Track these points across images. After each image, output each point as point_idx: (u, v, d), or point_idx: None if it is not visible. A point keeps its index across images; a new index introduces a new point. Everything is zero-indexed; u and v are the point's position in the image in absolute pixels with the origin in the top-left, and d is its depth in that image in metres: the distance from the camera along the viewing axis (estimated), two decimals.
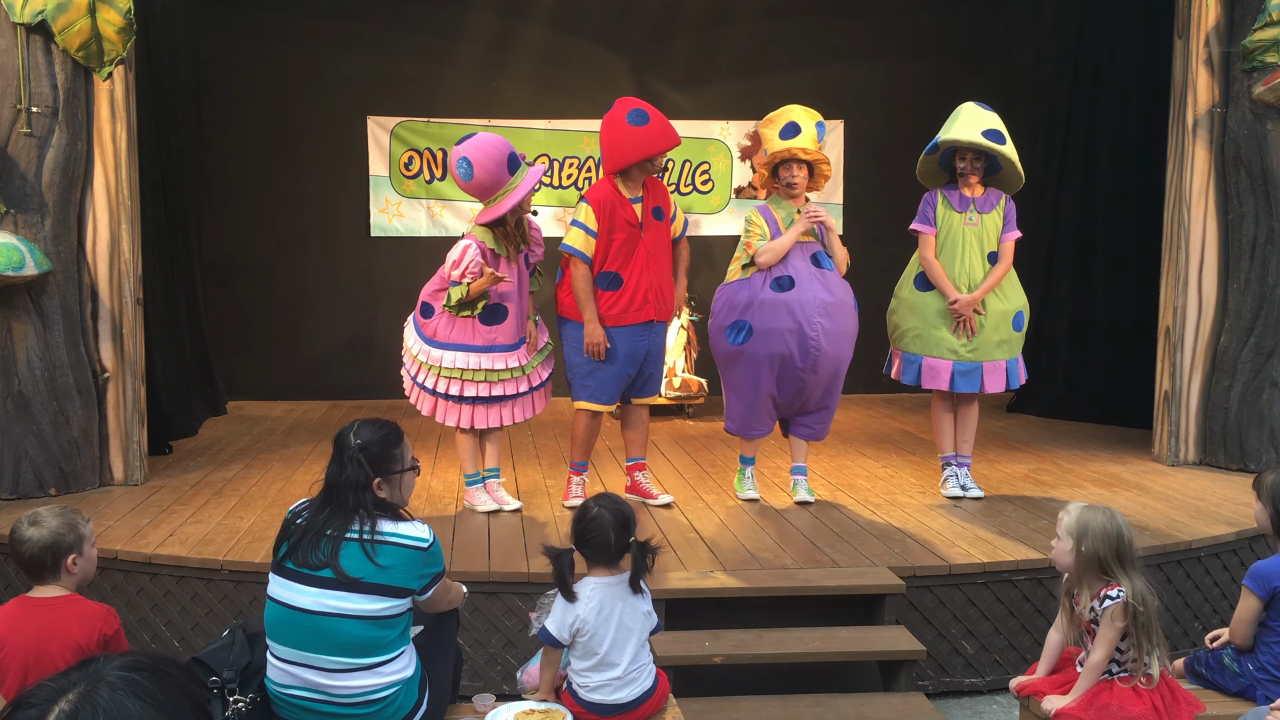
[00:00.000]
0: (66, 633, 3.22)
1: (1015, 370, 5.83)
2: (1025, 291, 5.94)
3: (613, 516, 3.41)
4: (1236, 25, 6.38)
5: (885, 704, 4.27)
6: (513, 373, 5.43)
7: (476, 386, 5.38)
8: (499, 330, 5.39)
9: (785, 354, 5.46)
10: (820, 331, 5.44)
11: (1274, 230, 6.37)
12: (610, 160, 5.47)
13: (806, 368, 5.49)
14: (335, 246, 8.99)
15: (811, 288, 5.47)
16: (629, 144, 5.39)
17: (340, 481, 3.24)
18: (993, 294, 5.71)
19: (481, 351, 5.37)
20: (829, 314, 5.47)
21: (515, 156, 5.28)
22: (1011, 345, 5.80)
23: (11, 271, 5.49)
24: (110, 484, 6.06)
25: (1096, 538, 3.45)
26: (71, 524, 3.35)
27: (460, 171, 5.25)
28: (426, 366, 5.43)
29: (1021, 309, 5.81)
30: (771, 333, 5.45)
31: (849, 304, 5.60)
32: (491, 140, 5.27)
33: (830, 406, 5.75)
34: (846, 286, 5.63)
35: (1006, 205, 5.78)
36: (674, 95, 9.14)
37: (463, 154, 5.22)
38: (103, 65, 5.82)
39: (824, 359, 5.49)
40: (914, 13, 9.19)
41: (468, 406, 5.43)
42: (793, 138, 5.52)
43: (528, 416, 5.57)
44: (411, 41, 8.89)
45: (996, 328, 5.72)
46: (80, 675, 1.26)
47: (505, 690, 4.41)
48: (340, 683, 3.19)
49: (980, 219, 5.73)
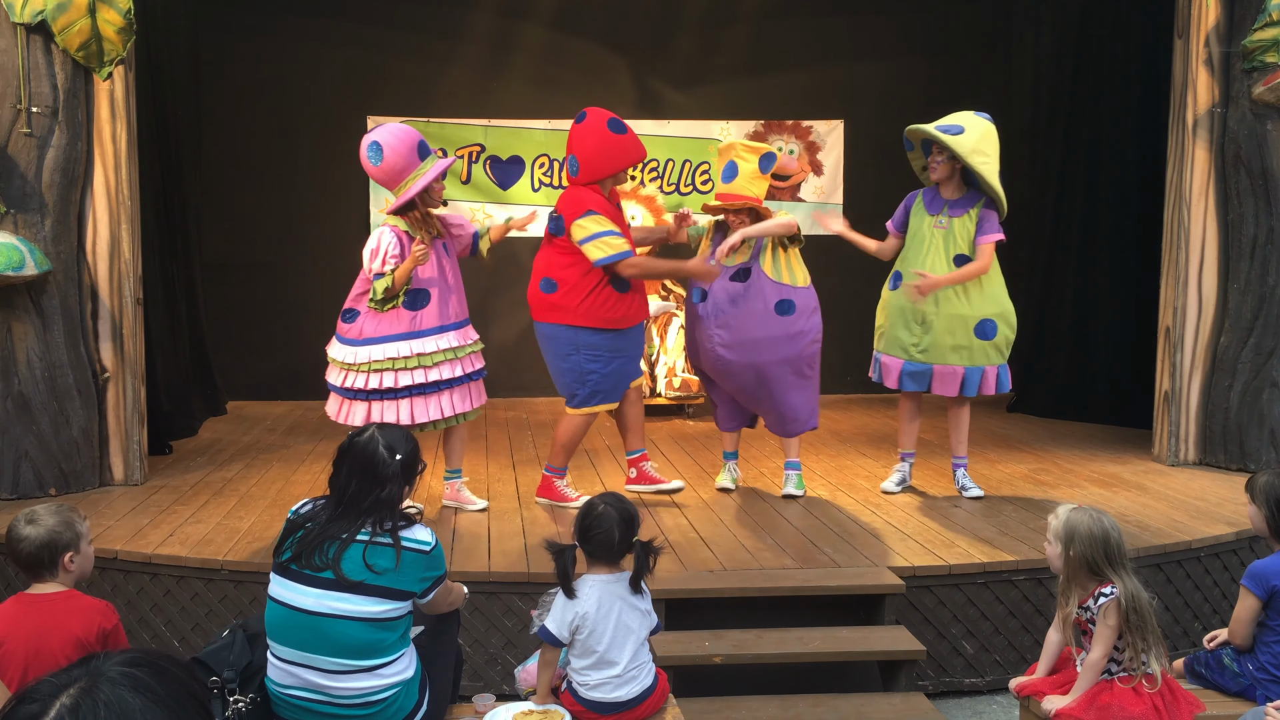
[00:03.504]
0: (66, 628, 3.23)
1: (978, 379, 5.72)
2: (1025, 291, 5.93)
3: (618, 515, 3.42)
4: (1236, 25, 6.38)
5: (885, 704, 4.27)
6: (445, 355, 5.29)
7: (411, 374, 5.22)
8: (423, 314, 5.28)
9: (704, 361, 5.78)
10: (717, 342, 5.63)
11: (1274, 230, 6.38)
12: (592, 170, 5.42)
13: (720, 375, 5.76)
14: (335, 246, 8.96)
15: (716, 299, 5.65)
16: (616, 152, 5.42)
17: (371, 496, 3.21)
18: (953, 297, 5.66)
19: (410, 338, 5.24)
20: (727, 325, 5.61)
21: (425, 145, 5.30)
22: (972, 352, 5.70)
23: (11, 271, 5.49)
24: (110, 484, 6.06)
25: (1084, 540, 3.46)
26: (68, 522, 3.36)
27: (370, 156, 5.22)
28: (354, 368, 5.27)
29: (992, 317, 5.68)
30: (692, 340, 5.83)
31: (761, 311, 5.59)
32: (401, 127, 5.32)
33: (779, 409, 5.78)
34: (768, 292, 5.61)
35: (982, 209, 5.71)
36: (674, 95, 9.15)
37: (373, 139, 5.23)
38: (103, 65, 5.82)
39: (734, 366, 5.66)
40: (914, 13, 9.19)
41: (405, 400, 5.25)
42: (729, 181, 5.71)
43: (468, 409, 5.41)
44: (411, 41, 8.89)
45: (952, 331, 5.66)
46: (81, 671, 1.26)
47: (505, 690, 4.40)
48: (341, 684, 3.19)
49: (950, 222, 5.73)
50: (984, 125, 5.67)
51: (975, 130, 5.63)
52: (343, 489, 3.25)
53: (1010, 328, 5.79)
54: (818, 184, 9.39)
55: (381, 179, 5.31)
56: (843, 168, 9.25)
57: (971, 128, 5.64)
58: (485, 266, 6.00)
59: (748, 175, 5.66)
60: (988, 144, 5.64)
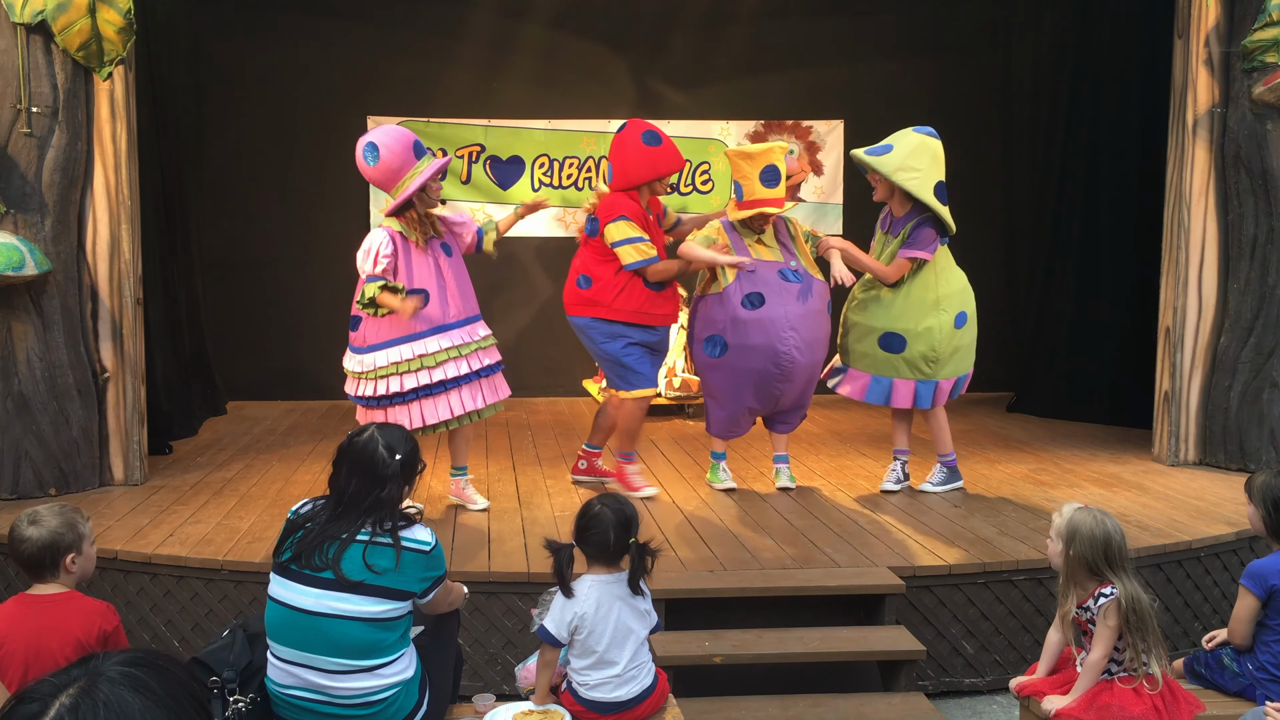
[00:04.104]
0: (66, 629, 3.22)
1: (883, 389, 5.80)
2: (1025, 291, 5.94)
3: (614, 515, 3.42)
4: (1236, 25, 6.38)
5: (885, 704, 4.27)
6: (449, 354, 5.27)
7: (415, 376, 5.21)
8: (421, 316, 5.25)
9: (760, 369, 5.66)
10: (792, 344, 5.63)
11: (1274, 230, 6.38)
12: (625, 178, 5.72)
13: (782, 379, 5.69)
14: (335, 246, 8.96)
15: (782, 301, 5.64)
16: (646, 164, 5.69)
17: (371, 495, 3.22)
18: (867, 303, 5.83)
19: (410, 340, 5.23)
20: (798, 326, 5.64)
21: (420, 144, 5.32)
22: (876, 362, 5.80)
23: (11, 271, 5.49)
24: (110, 484, 6.06)
25: (1085, 540, 3.47)
26: (71, 523, 3.35)
27: (366, 157, 5.22)
28: (363, 376, 5.29)
29: (900, 332, 5.72)
30: (745, 349, 5.65)
31: (820, 310, 5.76)
32: (396, 128, 5.35)
33: (805, 404, 6.01)
34: (820, 293, 5.77)
35: (914, 227, 5.72)
36: (674, 95, 9.14)
37: (368, 140, 5.24)
38: (103, 65, 5.82)
39: (799, 368, 5.69)
40: (914, 13, 9.19)
41: (414, 404, 5.25)
42: (773, 186, 5.68)
43: (478, 407, 5.37)
44: (411, 41, 8.89)
45: (860, 338, 5.87)
46: (81, 671, 1.26)
47: (505, 690, 4.41)
48: (340, 684, 3.19)
49: (890, 241, 5.82)
50: (916, 140, 5.70)
51: (904, 148, 5.69)
52: (342, 489, 3.25)
53: (930, 347, 5.73)
54: (818, 184, 9.39)
55: (378, 180, 5.30)
56: (843, 168, 9.24)
57: (900, 145, 5.71)
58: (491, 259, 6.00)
59: (785, 181, 5.81)
60: (917, 159, 5.66)
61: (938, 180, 5.68)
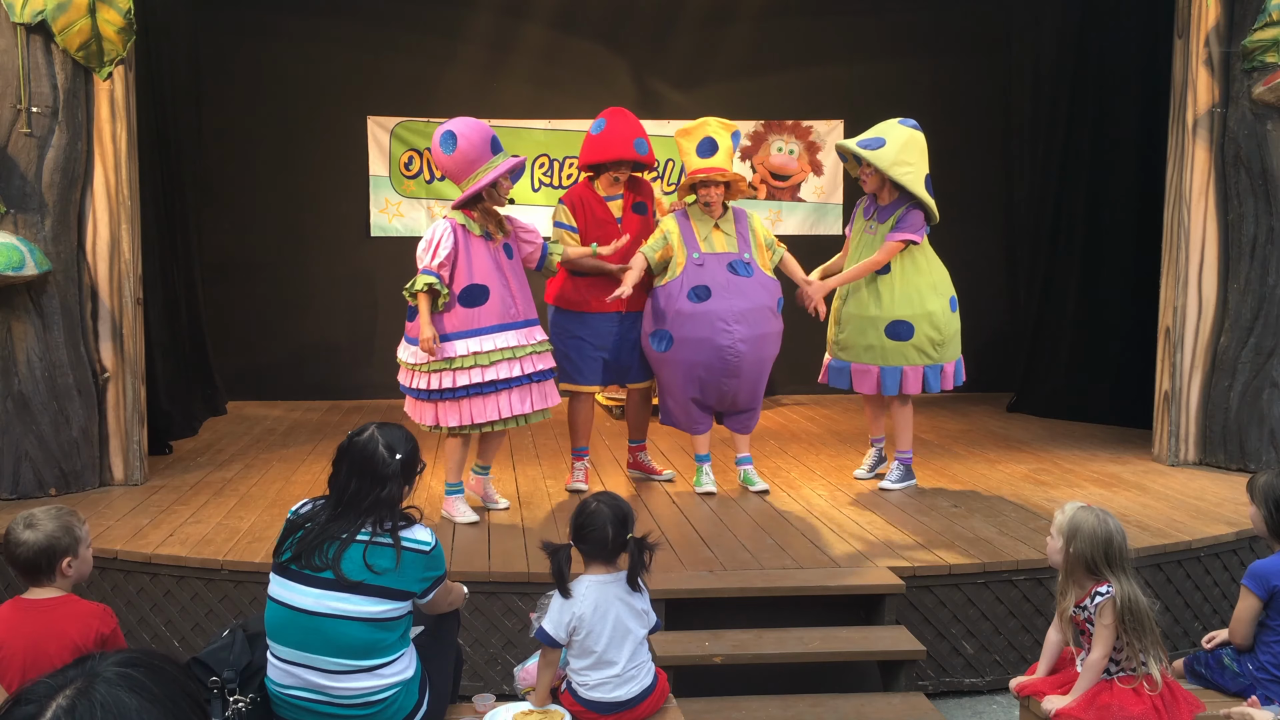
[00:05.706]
0: (64, 633, 3.21)
1: (895, 378, 5.83)
2: (1025, 291, 5.95)
3: (611, 512, 3.42)
4: (1236, 25, 6.38)
5: (885, 704, 4.27)
6: (503, 354, 5.20)
7: (468, 374, 5.15)
8: (480, 312, 5.19)
9: (705, 362, 5.66)
10: (736, 338, 5.63)
11: (1274, 230, 6.37)
12: (581, 162, 5.98)
13: (728, 374, 5.68)
14: (335, 246, 8.98)
15: (727, 296, 5.64)
16: (587, 148, 5.90)
17: (371, 495, 3.21)
18: (864, 298, 5.84)
19: (466, 336, 5.17)
20: (745, 320, 5.65)
21: (498, 141, 5.33)
22: (885, 353, 5.81)
23: (11, 271, 5.49)
24: (110, 484, 6.06)
25: (1085, 539, 3.47)
26: (67, 527, 3.32)
27: (443, 145, 5.21)
28: (416, 369, 5.23)
29: (906, 319, 5.76)
30: (690, 342, 5.64)
31: (768, 306, 5.75)
32: (476, 121, 5.35)
33: (756, 405, 5.97)
34: (770, 289, 5.78)
35: (903, 212, 5.77)
36: (674, 95, 9.14)
37: (448, 129, 5.24)
38: (103, 65, 5.82)
39: (745, 363, 5.68)
40: (914, 13, 9.19)
41: (465, 401, 5.19)
42: (710, 156, 5.70)
43: (526, 411, 5.28)
44: (411, 41, 8.89)
45: (863, 332, 5.86)
46: (77, 672, 1.26)
47: (505, 690, 4.40)
48: (340, 684, 3.19)
49: (877, 228, 5.85)
50: (906, 134, 5.78)
51: (896, 141, 5.75)
52: (342, 489, 3.25)
53: (935, 328, 5.80)
54: (818, 184, 9.39)
55: (451, 169, 5.30)
56: (842, 168, 9.23)
57: (893, 139, 5.76)
58: None
59: (727, 152, 5.74)
60: (909, 153, 5.75)
61: (926, 173, 5.82)
